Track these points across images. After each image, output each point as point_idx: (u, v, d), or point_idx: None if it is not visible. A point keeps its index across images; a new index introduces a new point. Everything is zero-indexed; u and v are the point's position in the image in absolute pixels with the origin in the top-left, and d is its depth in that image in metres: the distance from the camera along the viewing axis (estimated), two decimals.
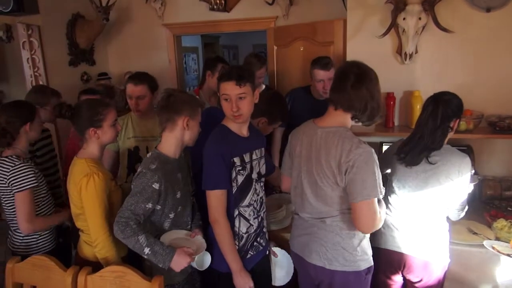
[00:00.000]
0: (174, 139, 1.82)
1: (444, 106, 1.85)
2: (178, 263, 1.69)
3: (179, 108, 1.78)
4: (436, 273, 1.90)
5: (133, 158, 2.40)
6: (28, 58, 3.50)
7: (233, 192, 1.82)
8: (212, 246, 1.86)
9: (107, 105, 1.92)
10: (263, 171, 1.95)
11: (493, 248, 2.00)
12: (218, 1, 3.87)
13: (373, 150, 1.62)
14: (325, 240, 1.72)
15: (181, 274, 1.85)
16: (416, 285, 1.94)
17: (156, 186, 1.71)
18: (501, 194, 2.62)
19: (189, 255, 1.72)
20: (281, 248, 2.12)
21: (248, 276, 1.84)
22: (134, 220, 1.67)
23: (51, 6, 3.60)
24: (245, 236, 1.87)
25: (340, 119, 1.70)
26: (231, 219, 1.83)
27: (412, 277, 1.94)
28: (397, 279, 1.98)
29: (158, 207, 1.79)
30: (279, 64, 3.64)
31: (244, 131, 1.86)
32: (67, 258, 2.15)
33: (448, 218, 1.96)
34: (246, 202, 1.86)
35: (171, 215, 1.84)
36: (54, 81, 3.57)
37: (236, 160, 1.80)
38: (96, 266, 1.79)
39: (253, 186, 1.88)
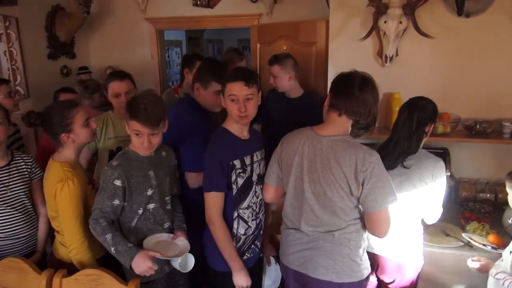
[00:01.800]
0: None
1: (420, 111, 1.88)
2: (138, 265, 1.69)
3: (161, 116, 1.78)
4: (409, 275, 1.94)
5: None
6: (5, 51, 3.43)
7: (233, 194, 1.81)
8: (208, 244, 1.89)
9: (74, 105, 1.87)
10: (263, 173, 1.92)
11: (470, 238, 2.06)
12: None
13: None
14: (334, 253, 1.68)
15: (158, 272, 1.85)
16: (390, 286, 1.99)
17: (117, 182, 1.73)
18: (476, 196, 2.68)
19: (150, 259, 1.70)
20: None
21: (247, 275, 1.85)
22: (104, 218, 1.72)
23: None
24: (242, 238, 1.87)
25: (343, 127, 1.67)
26: (229, 220, 1.83)
27: (385, 278, 1.98)
28: (372, 280, 2.02)
29: (125, 203, 1.79)
30: (262, 62, 3.63)
31: (245, 133, 1.86)
32: (42, 261, 2.11)
33: (422, 220, 2.00)
34: (245, 204, 1.85)
35: (140, 211, 1.83)
36: (32, 74, 3.50)
37: (236, 162, 1.79)
38: (71, 267, 1.78)
39: (253, 189, 1.87)
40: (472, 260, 1.91)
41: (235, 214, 1.84)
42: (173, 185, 2.02)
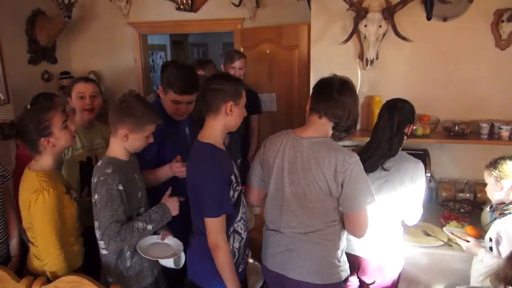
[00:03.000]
0: (120, 144, 1.80)
1: (399, 113, 1.91)
2: (173, 207, 1.85)
3: (120, 120, 1.75)
4: (390, 275, 1.97)
5: (87, 170, 2.24)
6: None
7: (231, 210, 1.75)
8: (200, 268, 1.81)
9: (49, 108, 1.82)
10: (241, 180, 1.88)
11: (452, 233, 2.11)
12: (184, 1, 3.84)
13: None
14: (312, 255, 1.69)
15: (150, 276, 1.88)
16: (370, 286, 2.01)
17: (120, 187, 1.70)
18: (456, 196, 2.73)
19: (174, 199, 1.86)
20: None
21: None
22: (122, 226, 1.68)
23: (10, 1, 3.45)
24: (237, 251, 1.81)
25: (324, 129, 1.70)
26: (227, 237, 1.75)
27: (366, 279, 2.00)
28: (353, 280, 2.04)
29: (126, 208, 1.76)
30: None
31: (223, 147, 1.79)
32: (20, 268, 2.07)
33: (402, 221, 2.03)
34: (239, 217, 1.80)
35: (134, 216, 1.82)
36: (12, 79, 3.44)
37: (232, 177, 1.73)
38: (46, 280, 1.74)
39: (242, 199, 1.82)
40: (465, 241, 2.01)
41: (231, 229, 1.77)
42: None
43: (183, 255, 1.89)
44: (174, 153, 2.14)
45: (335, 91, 1.66)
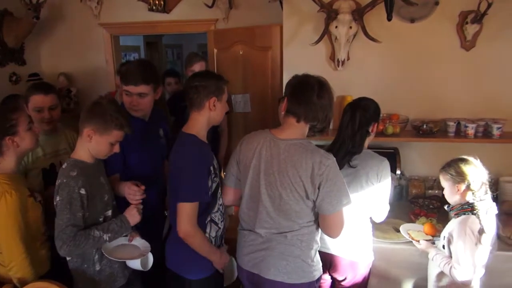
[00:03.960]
0: (85, 145, 1.78)
1: (362, 111, 1.95)
2: (131, 216, 1.84)
3: (88, 119, 1.74)
4: (361, 271, 2.01)
5: (51, 177, 2.17)
6: None
7: (207, 199, 1.82)
8: (178, 256, 1.87)
9: (16, 108, 1.80)
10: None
11: (408, 234, 2.15)
12: (157, 2, 3.80)
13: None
14: (286, 254, 1.71)
15: (122, 278, 1.87)
16: (342, 283, 2.04)
17: (83, 191, 1.68)
18: (425, 193, 2.81)
19: (134, 209, 1.85)
20: None
21: (226, 254, 1.94)
22: (78, 231, 1.66)
23: None
24: (213, 240, 1.89)
25: (301, 131, 1.71)
26: (203, 226, 1.82)
27: (338, 276, 2.04)
28: (326, 278, 2.07)
29: (87, 214, 1.73)
30: (219, 67, 3.64)
31: (206, 140, 1.85)
32: None
33: (371, 218, 2.07)
34: (216, 208, 1.87)
35: (101, 219, 1.80)
36: None
37: (211, 168, 1.80)
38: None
39: (219, 191, 1.90)
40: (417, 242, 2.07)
41: (208, 219, 1.85)
42: None
43: (151, 257, 1.89)
44: (144, 155, 2.12)
45: (314, 95, 1.65)
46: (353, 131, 1.94)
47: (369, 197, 1.95)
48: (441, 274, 1.94)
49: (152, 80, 2.08)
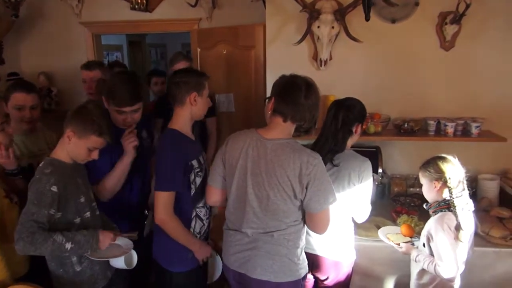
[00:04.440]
0: (65, 146, 1.76)
1: (346, 110, 1.97)
2: (104, 240, 1.74)
3: (70, 120, 1.72)
4: (344, 270, 2.02)
5: (30, 178, 2.20)
6: None
7: (192, 193, 1.88)
8: (161, 247, 1.93)
9: None
10: None
11: (387, 237, 2.16)
12: (139, 1, 3.76)
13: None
14: (273, 254, 1.71)
15: (103, 280, 1.84)
16: (325, 282, 2.05)
17: (54, 188, 1.64)
18: (406, 190, 2.85)
19: (111, 235, 1.78)
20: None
21: (207, 246, 1.99)
22: (39, 229, 1.60)
23: None
24: (197, 236, 1.95)
25: (287, 131, 1.72)
26: (188, 220, 1.90)
27: (320, 275, 2.05)
28: (309, 277, 2.07)
29: (59, 214, 1.70)
30: (202, 67, 3.63)
31: (191, 135, 1.93)
32: None
33: (352, 217, 2.08)
34: (202, 202, 1.93)
35: (77, 221, 1.77)
36: None
37: (194, 162, 1.87)
38: None
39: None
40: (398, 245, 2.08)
41: (194, 213, 1.91)
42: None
43: (135, 255, 1.88)
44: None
45: (302, 96, 1.66)
46: (335, 129, 1.96)
47: (351, 197, 1.96)
48: (422, 272, 1.97)
49: (143, 93, 2.11)
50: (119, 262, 1.82)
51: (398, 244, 2.08)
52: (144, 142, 2.26)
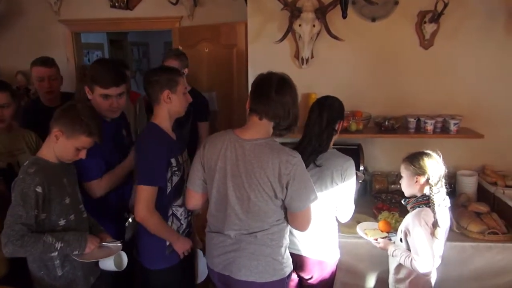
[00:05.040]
0: (51, 145, 1.73)
1: (328, 110, 1.97)
2: (92, 241, 1.75)
3: (58, 119, 1.69)
4: (328, 269, 2.02)
5: (9, 177, 2.06)
6: None
7: (168, 192, 1.85)
8: (140, 245, 1.92)
9: None
10: None
11: (365, 233, 2.18)
12: None
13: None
14: (257, 254, 1.70)
15: (84, 285, 1.81)
16: (309, 281, 2.06)
17: (39, 189, 1.61)
18: (388, 187, 2.88)
19: (97, 241, 1.78)
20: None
21: (186, 239, 1.95)
22: (28, 231, 1.58)
23: None
24: None
25: (264, 130, 1.69)
26: (164, 218, 1.87)
27: (304, 275, 2.04)
28: (293, 277, 2.07)
29: (43, 215, 1.67)
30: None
31: (171, 134, 1.90)
32: None
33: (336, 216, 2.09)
34: (179, 202, 1.90)
35: (61, 223, 1.73)
36: None
37: (173, 160, 1.85)
38: None
39: (184, 187, 1.90)
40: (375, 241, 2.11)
41: (170, 212, 1.89)
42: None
43: (124, 256, 1.85)
44: (113, 157, 2.07)
45: (273, 91, 1.64)
46: (320, 130, 1.95)
47: (334, 197, 1.97)
48: (399, 267, 2.00)
49: (126, 77, 2.13)
50: (108, 263, 1.79)
51: (376, 240, 2.10)
52: (124, 141, 2.24)
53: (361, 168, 2.74)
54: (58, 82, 2.68)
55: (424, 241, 1.84)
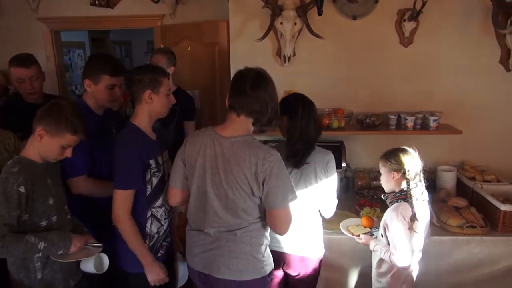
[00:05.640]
0: (35, 144, 1.70)
1: (310, 105, 1.97)
2: (75, 243, 1.73)
3: (41, 118, 1.67)
4: (312, 265, 2.03)
5: None
6: None
7: (147, 193, 1.83)
8: (120, 247, 1.85)
9: None
10: None
11: (347, 230, 2.20)
12: None
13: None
14: (237, 252, 1.70)
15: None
16: (296, 278, 2.06)
17: (22, 189, 1.59)
18: (370, 184, 2.92)
19: (82, 241, 1.77)
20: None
21: (160, 267, 1.86)
22: (9, 231, 1.56)
23: None
24: (155, 236, 1.89)
25: (244, 126, 1.68)
26: (143, 219, 1.84)
27: (291, 272, 2.04)
28: (278, 274, 2.06)
29: (26, 216, 1.64)
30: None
31: (151, 134, 1.88)
32: None
33: (320, 212, 2.11)
34: (158, 203, 1.88)
35: (43, 224, 1.71)
36: None
37: (152, 162, 1.82)
38: None
39: (165, 188, 1.89)
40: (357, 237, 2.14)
41: (149, 214, 1.86)
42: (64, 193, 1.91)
43: (105, 258, 1.83)
44: (104, 156, 2.05)
45: (248, 87, 1.63)
46: (306, 127, 1.92)
47: (318, 192, 1.97)
48: (380, 261, 2.03)
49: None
50: (89, 266, 1.78)
51: (358, 236, 2.12)
52: (114, 138, 2.21)
53: (343, 164, 2.76)
54: (40, 82, 2.55)
55: (402, 235, 1.87)
